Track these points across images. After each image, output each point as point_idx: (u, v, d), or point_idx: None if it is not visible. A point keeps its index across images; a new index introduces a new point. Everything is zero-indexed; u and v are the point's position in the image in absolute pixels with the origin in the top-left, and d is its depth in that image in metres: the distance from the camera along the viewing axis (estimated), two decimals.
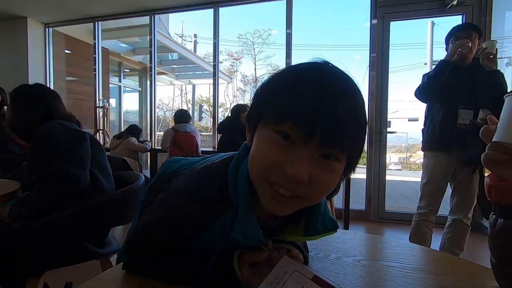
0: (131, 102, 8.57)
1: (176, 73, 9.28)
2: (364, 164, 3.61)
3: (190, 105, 13.99)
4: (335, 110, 0.41)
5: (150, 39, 4.47)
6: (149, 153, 4.30)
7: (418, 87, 2.05)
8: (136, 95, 7.79)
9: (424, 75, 2.07)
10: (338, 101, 0.41)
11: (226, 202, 0.50)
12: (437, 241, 2.15)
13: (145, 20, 4.49)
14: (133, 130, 4.18)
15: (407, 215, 3.22)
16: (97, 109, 4.88)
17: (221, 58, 10.68)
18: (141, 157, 4.69)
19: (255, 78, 15.55)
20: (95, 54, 4.78)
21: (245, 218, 0.49)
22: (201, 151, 3.79)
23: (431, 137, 2.03)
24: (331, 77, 0.44)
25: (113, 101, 6.79)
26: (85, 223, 1.23)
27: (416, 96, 2.07)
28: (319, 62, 0.46)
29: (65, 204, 1.19)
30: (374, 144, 3.50)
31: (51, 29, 4.98)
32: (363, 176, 3.66)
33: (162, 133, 3.98)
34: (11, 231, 1.17)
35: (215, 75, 4.18)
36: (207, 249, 0.52)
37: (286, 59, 3.82)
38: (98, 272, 0.61)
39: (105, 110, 4.91)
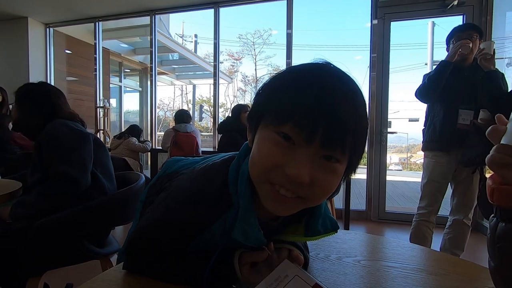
0: (131, 102, 8.58)
1: (177, 73, 9.29)
2: (365, 165, 3.61)
3: (190, 105, 13.99)
4: (336, 111, 0.41)
5: (151, 39, 4.48)
6: (149, 153, 4.30)
7: (418, 88, 2.05)
8: (136, 95, 7.79)
9: (424, 75, 2.07)
10: (339, 102, 0.41)
11: (227, 202, 0.50)
12: (437, 242, 2.15)
13: (146, 20, 4.50)
14: (134, 130, 4.19)
15: (408, 215, 3.22)
16: (98, 109, 4.88)
17: (221, 58, 10.69)
18: (142, 157, 4.70)
19: (256, 78, 15.57)
20: (95, 54, 4.78)
21: (245, 218, 0.49)
22: (202, 151, 3.79)
23: (431, 137, 2.03)
24: (332, 78, 0.43)
25: (113, 101, 6.79)
26: (85, 223, 1.23)
27: (417, 97, 2.07)
28: (320, 63, 0.46)
29: (65, 205, 1.20)
30: (374, 144, 3.49)
31: (52, 29, 4.99)
32: (363, 176, 3.66)
33: (163, 133, 3.98)
34: (11, 231, 1.17)
35: (215, 75, 4.19)
36: (207, 249, 0.52)
37: (287, 59, 3.82)
38: (98, 272, 0.61)
39: (105, 110, 4.91)
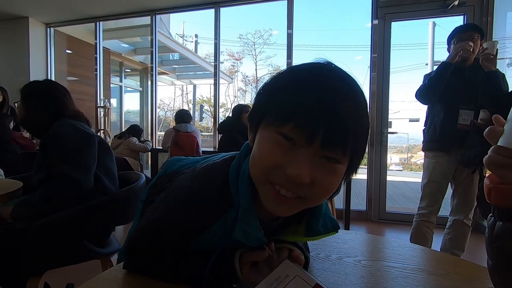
0: (132, 102, 8.61)
1: (177, 73, 9.30)
2: (365, 165, 3.60)
3: (191, 105, 13.98)
4: (337, 112, 0.41)
5: (151, 39, 4.48)
6: (150, 153, 4.30)
7: (418, 89, 2.05)
8: (137, 95, 7.80)
9: (425, 76, 2.07)
10: (340, 102, 0.41)
11: (227, 201, 0.50)
12: (438, 242, 2.15)
13: (146, 20, 4.50)
14: (134, 130, 4.19)
15: (408, 215, 3.21)
16: (98, 109, 4.89)
17: (222, 58, 10.70)
18: (142, 157, 4.70)
19: (256, 78, 15.57)
20: (96, 54, 4.79)
21: (246, 218, 0.49)
22: (202, 151, 3.79)
23: (431, 137, 2.03)
24: (333, 78, 0.43)
25: (114, 101, 6.80)
26: (86, 222, 1.23)
27: (417, 98, 2.07)
28: (321, 63, 0.46)
29: (66, 206, 1.20)
30: (375, 144, 3.49)
31: (52, 29, 4.99)
32: (364, 176, 3.65)
33: (163, 133, 3.99)
34: (12, 231, 1.17)
35: (216, 75, 4.19)
36: (208, 249, 0.52)
37: (287, 59, 3.82)
38: (98, 272, 0.61)
39: (106, 110, 4.91)
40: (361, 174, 4.12)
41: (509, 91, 1.80)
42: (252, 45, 15.48)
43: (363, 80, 3.61)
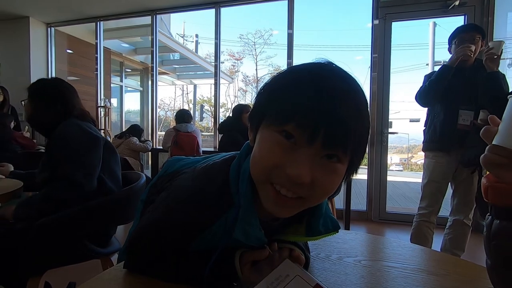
0: (132, 102, 8.60)
1: (178, 73, 9.30)
2: (365, 165, 3.60)
3: (191, 105, 13.98)
4: (338, 112, 0.41)
5: (152, 39, 4.48)
6: (150, 153, 4.31)
7: (418, 91, 2.05)
8: (137, 95, 7.79)
9: (425, 76, 2.07)
10: (341, 102, 0.41)
11: (227, 201, 0.50)
12: (438, 242, 2.15)
13: (147, 20, 4.49)
14: (135, 130, 4.19)
15: (408, 216, 3.21)
16: (99, 108, 4.89)
17: (222, 58, 10.69)
18: (142, 156, 4.70)
19: (257, 78, 15.56)
20: (97, 54, 4.79)
21: (246, 218, 0.49)
22: (202, 151, 3.80)
23: (431, 137, 2.03)
24: (334, 78, 0.43)
25: (114, 101, 6.80)
26: (86, 222, 1.23)
27: (416, 100, 2.07)
28: (322, 63, 0.46)
29: (67, 207, 1.20)
30: (375, 144, 3.49)
31: (53, 29, 4.99)
32: (364, 176, 3.65)
33: (163, 133, 3.99)
34: (13, 231, 1.17)
35: (216, 75, 4.18)
36: (208, 249, 0.52)
37: (288, 59, 3.82)
38: (99, 271, 0.61)
39: (106, 110, 4.91)
40: (362, 174, 4.12)
41: (510, 91, 1.80)
42: (253, 45, 15.50)
43: (363, 80, 3.60)
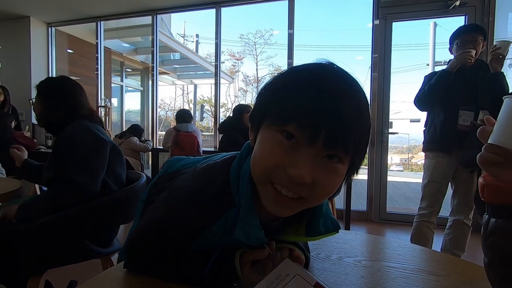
0: (133, 102, 8.61)
1: (178, 73, 9.29)
2: (366, 165, 3.60)
3: (191, 105, 13.97)
4: (339, 112, 0.41)
5: (152, 39, 4.48)
6: (150, 152, 4.31)
7: (417, 96, 2.05)
8: (138, 95, 7.80)
9: (425, 77, 2.07)
10: (342, 102, 0.41)
11: (228, 201, 0.50)
12: (438, 242, 2.15)
13: (147, 20, 4.50)
14: (135, 130, 4.19)
15: (409, 216, 3.21)
16: (99, 108, 4.89)
17: (222, 58, 10.67)
18: (143, 156, 4.70)
19: (257, 78, 15.55)
20: (97, 54, 4.79)
21: (247, 218, 0.49)
22: (203, 151, 3.80)
23: (431, 138, 2.03)
24: (335, 79, 0.43)
25: (115, 101, 6.80)
26: (86, 222, 1.23)
27: (415, 104, 2.07)
28: (323, 63, 0.46)
29: (69, 207, 1.20)
30: (375, 144, 3.49)
31: (53, 28, 5.00)
32: (364, 177, 3.65)
33: (164, 132, 3.99)
34: (15, 231, 1.17)
35: (216, 75, 4.19)
36: (208, 248, 0.52)
37: (288, 59, 3.82)
38: (99, 271, 0.61)
39: (107, 110, 4.92)
40: (362, 175, 4.12)
41: (510, 92, 1.80)
42: (253, 45, 15.46)
43: (364, 80, 3.61)
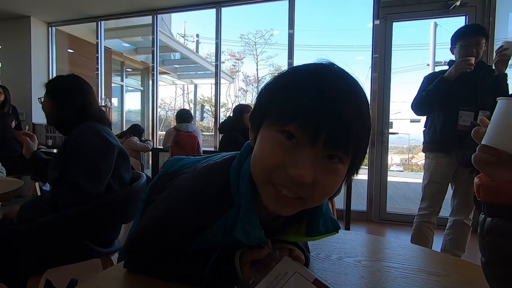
0: (133, 102, 8.61)
1: (178, 73, 9.29)
2: (366, 165, 3.60)
3: (192, 105, 13.97)
4: (340, 112, 0.41)
5: (153, 39, 4.48)
6: (150, 152, 4.31)
7: (414, 100, 2.05)
8: (138, 95, 7.80)
9: (424, 78, 2.07)
10: (343, 102, 0.41)
11: (228, 201, 0.50)
12: (438, 243, 2.14)
13: (148, 20, 4.50)
14: (135, 130, 4.19)
15: (409, 216, 3.21)
16: None
17: (223, 58, 10.69)
18: (143, 156, 4.70)
19: (257, 78, 15.55)
20: (97, 54, 4.79)
21: (247, 217, 0.49)
22: (203, 151, 3.80)
23: (432, 138, 2.03)
24: (335, 79, 0.43)
25: (115, 101, 6.80)
26: (87, 221, 1.23)
27: (412, 109, 2.08)
28: (324, 63, 0.46)
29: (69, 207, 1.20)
30: (376, 145, 3.49)
31: (54, 28, 5.00)
32: (364, 177, 3.65)
33: (164, 132, 3.99)
34: (16, 232, 1.17)
35: (217, 75, 4.19)
36: (208, 248, 0.52)
37: (288, 59, 3.82)
38: (99, 271, 0.61)
39: (107, 109, 4.91)
40: (362, 175, 4.12)
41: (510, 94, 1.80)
42: (253, 45, 15.45)
43: (364, 81, 3.61)
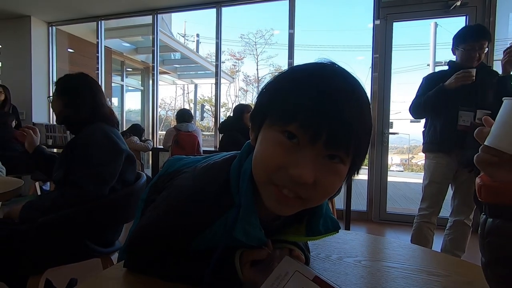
0: (133, 101, 8.62)
1: (179, 73, 9.30)
2: (366, 165, 3.60)
3: (192, 105, 13.97)
4: (341, 112, 0.40)
5: (153, 39, 4.48)
6: (151, 152, 4.31)
7: (412, 104, 2.05)
8: (138, 94, 7.81)
9: (424, 78, 2.07)
10: (344, 102, 0.41)
11: (228, 201, 0.50)
12: (438, 243, 2.14)
13: (148, 19, 4.50)
14: (135, 129, 4.20)
15: (409, 216, 3.21)
16: None
17: (223, 58, 10.69)
18: (143, 156, 4.70)
19: (257, 78, 15.54)
20: (98, 53, 4.79)
21: (247, 217, 0.49)
22: (203, 150, 3.80)
23: (431, 138, 2.02)
24: (336, 79, 0.43)
25: (115, 100, 6.82)
26: (87, 221, 1.23)
27: (410, 112, 2.08)
28: (325, 63, 0.45)
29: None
30: (376, 145, 3.49)
31: (54, 28, 5.00)
32: (364, 177, 3.65)
33: (164, 132, 3.99)
34: (18, 231, 1.18)
35: (217, 74, 4.19)
36: (209, 248, 0.52)
37: (289, 59, 3.82)
38: (99, 270, 0.61)
39: None
40: (362, 175, 4.12)
41: None
42: (254, 45, 15.43)
43: (364, 81, 3.58)
